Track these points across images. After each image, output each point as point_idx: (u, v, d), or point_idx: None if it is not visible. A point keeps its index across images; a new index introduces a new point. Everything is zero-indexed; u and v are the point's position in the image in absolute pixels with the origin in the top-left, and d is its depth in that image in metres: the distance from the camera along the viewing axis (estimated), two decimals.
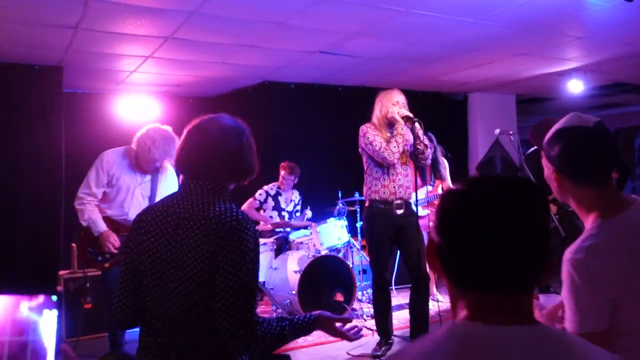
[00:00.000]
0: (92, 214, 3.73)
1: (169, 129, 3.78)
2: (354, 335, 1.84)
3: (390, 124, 3.97)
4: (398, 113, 3.92)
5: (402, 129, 3.91)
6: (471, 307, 0.94)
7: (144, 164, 3.78)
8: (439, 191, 5.76)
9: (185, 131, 1.78)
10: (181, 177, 1.78)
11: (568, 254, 1.48)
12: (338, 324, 1.80)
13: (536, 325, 0.91)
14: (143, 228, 1.71)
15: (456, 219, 0.94)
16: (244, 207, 5.98)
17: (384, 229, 3.99)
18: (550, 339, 0.90)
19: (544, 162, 1.66)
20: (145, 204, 3.76)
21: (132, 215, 3.58)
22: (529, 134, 3.05)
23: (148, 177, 3.89)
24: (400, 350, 0.96)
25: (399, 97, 4.00)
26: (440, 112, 7.52)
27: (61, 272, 4.84)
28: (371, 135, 3.95)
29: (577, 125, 1.56)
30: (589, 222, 1.56)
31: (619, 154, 1.60)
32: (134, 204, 3.82)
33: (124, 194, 3.82)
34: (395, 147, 3.88)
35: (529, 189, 0.95)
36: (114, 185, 3.80)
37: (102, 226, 3.75)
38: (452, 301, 0.99)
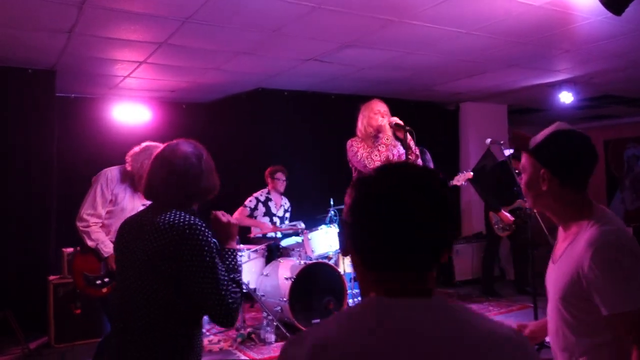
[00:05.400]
0: (99, 235, 3.57)
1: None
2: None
3: (375, 135, 3.99)
4: (389, 122, 3.94)
5: (387, 139, 3.93)
6: (380, 285, 1.01)
7: (140, 186, 3.43)
8: None
9: (149, 163, 1.97)
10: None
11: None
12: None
13: (438, 297, 0.99)
14: (119, 233, 1.98)
15: (365, 204, 1.01)
16: (235, 215, 5.97)
17: None
18: (454, 309, 0.98)
19: (529, 164, 1.69)
20: None
21: None
22: (510, 141, 3.02)
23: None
24: (316, 326, 1.00)
25: (380, 107, 4.03)
26: (433, 122, 7.57)
27: (51, 277, 4.81)
28: (356, 147, 3.99)
29: (572, 130, 1.64)
30: (569, 223, 1.65)
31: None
32: None
33: (127, 213, 3.52)
34: (376, 155, 3.90)
35: (433, 176, 1.02)
36: (118, 203, 3.62)
37: (112, 247, 3.51)
38: (360, 280, 1.08)
